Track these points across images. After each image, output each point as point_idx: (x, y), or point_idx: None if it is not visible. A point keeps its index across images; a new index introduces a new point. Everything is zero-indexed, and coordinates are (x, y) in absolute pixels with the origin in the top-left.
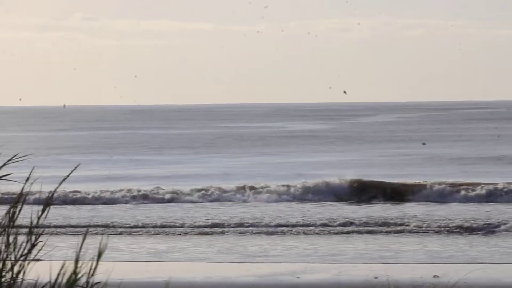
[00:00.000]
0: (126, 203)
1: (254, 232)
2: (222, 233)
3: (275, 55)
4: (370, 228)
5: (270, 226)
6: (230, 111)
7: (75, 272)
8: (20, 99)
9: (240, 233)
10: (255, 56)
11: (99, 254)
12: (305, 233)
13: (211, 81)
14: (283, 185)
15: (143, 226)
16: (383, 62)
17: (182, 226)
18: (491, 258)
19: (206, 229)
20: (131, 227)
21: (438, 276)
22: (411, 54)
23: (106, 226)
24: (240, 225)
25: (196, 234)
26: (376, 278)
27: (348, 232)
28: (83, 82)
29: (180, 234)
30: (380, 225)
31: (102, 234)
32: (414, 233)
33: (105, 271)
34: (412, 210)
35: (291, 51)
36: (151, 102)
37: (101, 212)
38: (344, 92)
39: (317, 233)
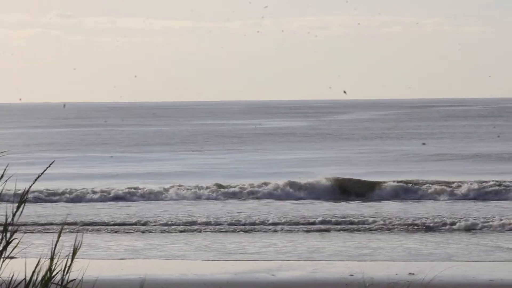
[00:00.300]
0: (102, 201)
1: (230, 230)
2: (199, 230)
3: (251, 52)
4: (346, 226)
5: (246, 224)
6: (207, 108)
7: (50, 270)
8: None
9: (216, 231)
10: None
11: (74, 252)
12: (280, 231)
13: (193, 78)
14: (260, 184)
15: (120, 224)
16: (359, 59)
17: (158, 224)
18: (466, 256)
19: (183, 227)
20: (107, 224)
21: (413, 273)
22: (387, 52)
23: (81, 224)
24: (217, 223)
25: (172, 232)
26: (351, 275)
27: (324, 230)
28: (60, 79)
29: (156, 232)
30: (356, 223)
31: (77, 232)
32: (389, 230)
33: (80, 268)
34: (388, 207)
35: (267, 50)
36: (131, 100)
37: (76, 209)
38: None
39: (294, 231)
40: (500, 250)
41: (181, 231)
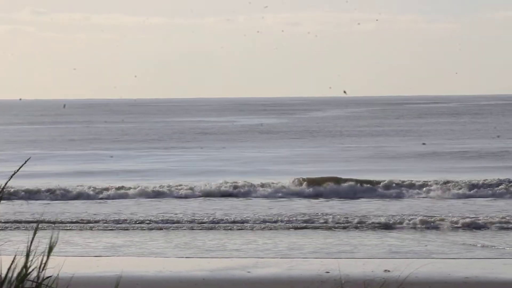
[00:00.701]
0: (76, 198)
1: (205, 227)
2: (175, 228)
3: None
4: (321, 224)
5: (226, 222)
6: (181, 106)
7: (26, 266)
8: None
9: (192, 228)
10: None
11: (50, 249)
12: (256, 229)
13: (171, 76)
14: (235, 182)
15: (95, 222)
16: (336, 57)
17: (134, 221)
18: (441, 253)
19: (159, 224)
20: (84, 222)
21: (389, 271)
22: (362, 48)
23: (57, 222)
24: (192, 220)
25: (148, 229)
26: (327, 272)
27: (299, 228)
28: (35, 75)
29: (131, 230)
30: (331, 221)
31: (53, 229)
32: (364, 228)
33: (56, 265)
34: (365, 206)
35: (239, 46)
36: (107, 96)
37: (53, 207)
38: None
39: (270, 229)
40: (467, 247)
41: (157, 229)
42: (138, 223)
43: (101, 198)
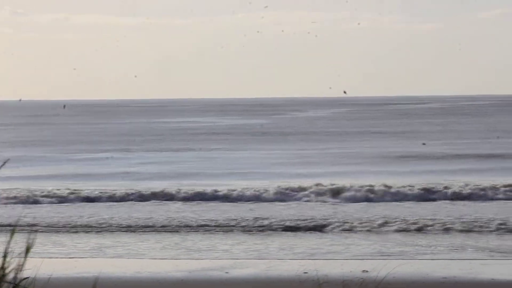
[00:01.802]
0: (50, 203)
1: (183, 230)
2: (154, 230)
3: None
4: (299, 226)
5: (205, 225)
6: (163, 107)
7: (3, 268)
8: None
9: (169, 231)
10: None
11: (27, 250)
12: (234, 231)
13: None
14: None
15: (73, 226)
16: (321, 56)
17: (110, 224)
18: (419, 253)
19: (136, 227)
20: (58, 226)
21: (367, 271)
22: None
23: (34, 224)
24: (168, 223)
25: (126, 231)
26: (305, 273)
27: (276, 229)
28: (15, 76)
29: (109, 232)
30: (308, 223)
31: (30, 231)
32: (341, 230)
33: (34, 267)
34: (342, 208)
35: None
36: (87, 97)
37: (31, 210)
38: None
39: (248, 231)
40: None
41: (131, 231)
42: (117, 226)
43: (77, 201)
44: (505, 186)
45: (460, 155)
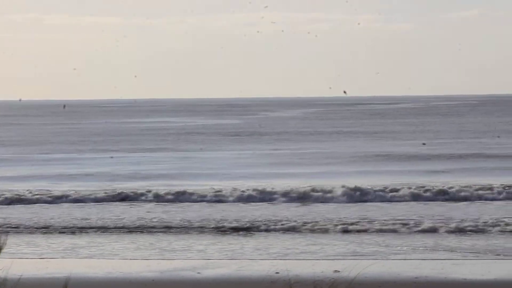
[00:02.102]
0: (22, 203)
1: (155, 231)
2: (127, 231)
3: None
4: (271, 227)
5: (173, 227)
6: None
7: None
8: None
9: (141, 231)
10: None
11: None
12: (207, 232)
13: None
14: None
15: (45, 226)
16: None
17: (83, 225)
18: (391, 254)
19: (109, 227)
20: (31, 226)
21: (338, 271)
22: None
23: (6, 225)
24: (141, 224)
25: (98, 232)
26: (277, 273)
27: (248, 230)
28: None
29: (83, 232)
30: (280, 224)
31: (1, 232)
32: (313, 231)
33: (4, 267)
34: (317, 209)
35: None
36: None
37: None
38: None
39: (219, 232)
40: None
41: (109, 232)
42: (90, 226)
43: (46, 202)
44: (476, 186)
45: (432, 156)
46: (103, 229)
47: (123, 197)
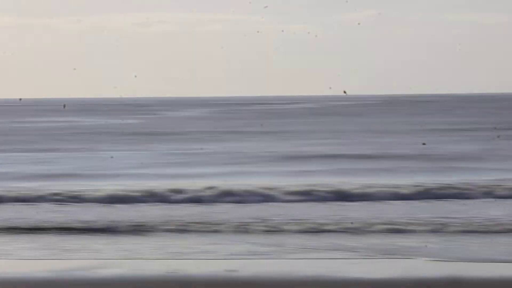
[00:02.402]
0: None
1: (51, 231)
2: (23, 232)
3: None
4: (168, 227)
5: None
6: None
7: None
8: None
9: (38, 232)
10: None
11: None
12: (106, 232)
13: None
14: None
15: None
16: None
17: None
18: (285, 253)
19: (4, 228)
20: None
21: (231, 271)
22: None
23: None
24: (38, 224)
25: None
26: (170, 273)
27: (143, 230)
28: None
29: None
30: (175, 225)
31: None
32: (204, 232)
33: None
34: (210, 209)
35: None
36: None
37: None
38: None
39: (114, 232)
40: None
41: (3, 232)
42: None
43: None
44: (377, 186)
45: (329, 155)
46: None
47: (20, 197)
